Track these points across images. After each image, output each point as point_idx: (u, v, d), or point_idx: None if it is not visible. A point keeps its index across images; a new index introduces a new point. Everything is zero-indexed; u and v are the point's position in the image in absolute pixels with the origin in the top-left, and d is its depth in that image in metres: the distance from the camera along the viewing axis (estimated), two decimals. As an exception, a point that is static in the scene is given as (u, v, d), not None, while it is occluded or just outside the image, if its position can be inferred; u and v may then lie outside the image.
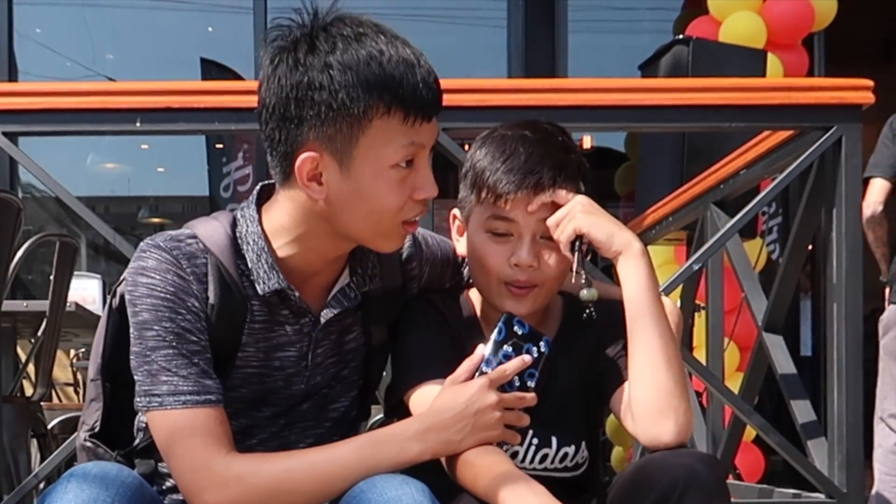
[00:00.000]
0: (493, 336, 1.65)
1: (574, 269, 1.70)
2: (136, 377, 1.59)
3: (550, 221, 1.70)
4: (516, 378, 1.65)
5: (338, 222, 1.60)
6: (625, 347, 1.72)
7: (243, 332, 1.64)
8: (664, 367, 1.64)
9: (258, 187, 1.69)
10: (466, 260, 1.82)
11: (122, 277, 1.69)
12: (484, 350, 1.65)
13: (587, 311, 1.73)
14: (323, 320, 1.68)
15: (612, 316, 1.76)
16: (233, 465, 1.54)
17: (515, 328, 1.66)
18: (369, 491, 1.49)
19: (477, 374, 1.63)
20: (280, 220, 1.64)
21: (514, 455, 1.76)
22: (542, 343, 1.67)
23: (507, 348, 1.65)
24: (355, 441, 1.58)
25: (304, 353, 1.70)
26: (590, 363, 1.80)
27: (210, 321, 1.60)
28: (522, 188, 1.69)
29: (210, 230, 1.63)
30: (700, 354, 3.88)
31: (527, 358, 1.65)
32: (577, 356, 1.81)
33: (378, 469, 1.55)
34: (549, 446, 1.78)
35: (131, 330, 1.61)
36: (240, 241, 1.64)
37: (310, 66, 1.52)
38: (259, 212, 1.66)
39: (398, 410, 1.75)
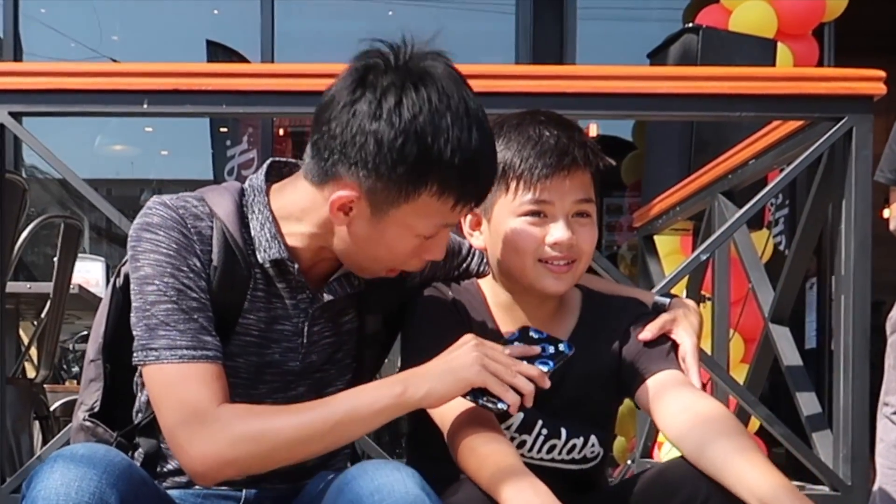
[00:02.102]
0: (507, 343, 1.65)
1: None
2: (134, 333, 1.59)
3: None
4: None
5: (340, 244, 1.63)
6: (647, 344, 1.76)
7: (246, 298, 1.65)
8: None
9: (269, 161, 1.71)
10: (487, 251, 1.82)
11: (126, 257, 1.69)
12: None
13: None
14: (324, 300, 1.69)
15: (629, 312, 1.80)
16: (222, 412, 1.53)
17: (532, 334, 1.66)
18: (360, 477, 1.49)
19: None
20: (291, 206, 1.65)
21: (521, 444, 1.77)
22: (561, 344, 1.67)
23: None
24: (342, 392, 1.58)
25: (300, 328, 1.70)
26: (606, 358, 1.80)
27: (212, 283, 1.61)
28: (559, 170, 1.72)
29: (218, 196, 1.66)
30: (705, 345, 3.87)
31: (536, 348, 1.64)
32: (593, 350, 1.80)
33: (359, 420, 1.53)
34: (558, 437, 1.78)
35: (132, 286, 1.61)
36: (245, 208, 1.66)
37: (389, 122, 1.52)
38: (268, 185, 1.67)
39: None
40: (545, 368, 1.61)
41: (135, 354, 1.59)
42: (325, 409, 1.53)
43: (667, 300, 1.87)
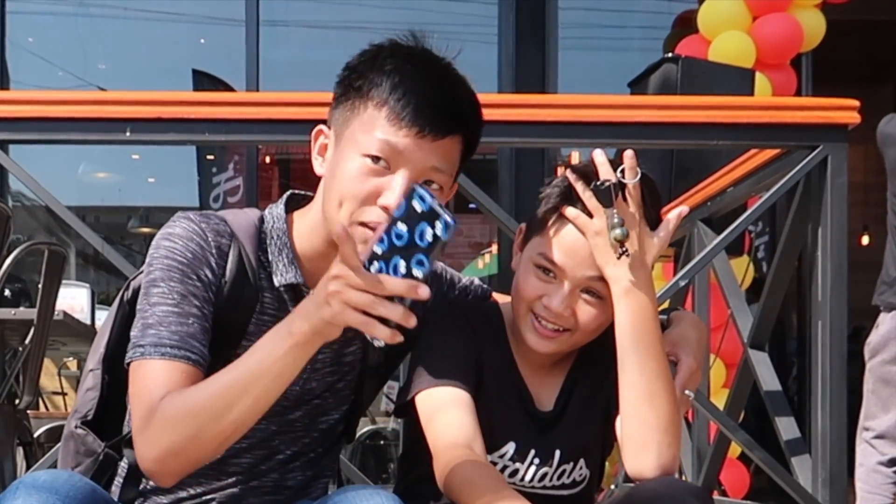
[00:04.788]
0: (394, 212, 1.41)
1: (604, 206, 1.63)
2: (132, 334, 1.59)
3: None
4: (402, 264, 1.38)
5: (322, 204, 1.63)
6: None
7: (251, 320, 1.66)
8: (647, 403, 1.63)
9: (288, 193, 1.73)
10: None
11: (140, 270, 1.70)
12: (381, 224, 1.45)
13: (621, 251, 1.63)
14: None
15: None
16: (159, 406, 1.50)
17: (415, 203, 1.39)
18: (341, 502, 1.49)
19: (369, 249, 1.40)
20: (309, 208, 1.69)
21: (514, 473, 1.77)
22: (438, 224, 1.38)
23: (401, 227, 1.39)
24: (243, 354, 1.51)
25: None
26: (602, 384, 1.80)
27: (220, 297, 1.62)
28: (577, 248, 1.68)
29: (239, 218, 1.68)
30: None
31: (416, 286, 1.37)
32: (591, 378, 1.81)
33: (266, 361, 1.46)
34: (550, 465, 1.78)
35: (141, 291, 1.62)
36: (264, 234, 1.68)
37: (357, 56, 1.60)
38: (288, 213, 1.70)
39: (407, 410, 1.74)
40: (418, 272, 1.39)
41: (126, 355, 1.59)
42: (234, 370, 1.49)
43: (664, 317, 1.84)
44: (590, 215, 1.66)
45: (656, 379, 1.64)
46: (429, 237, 1.38)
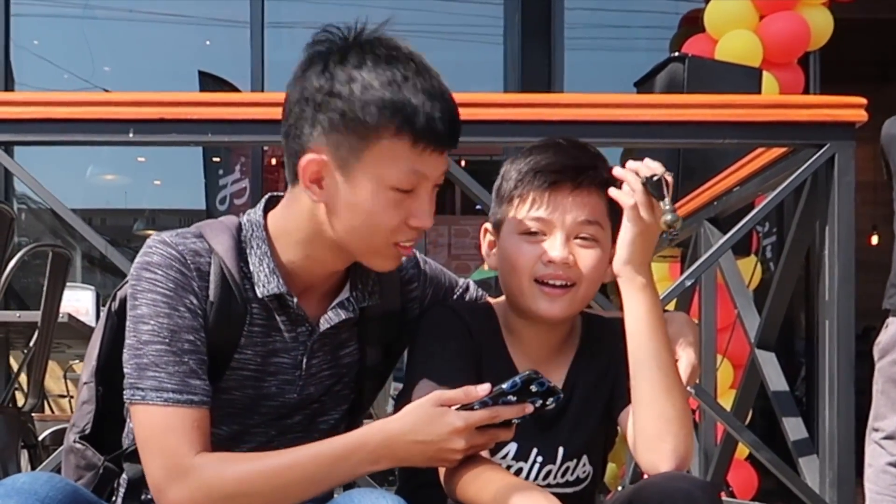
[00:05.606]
0: (504, 385, 1.52)
1: (656, 198, 1.65)
2: (125, 370, 1.60)
3: (619, 171, 1.68)
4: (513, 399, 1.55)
5: (334, 230, 1.61)
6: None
7: (242, 333, 1.65)
8: (665, 395, 1.63)
9: (266, 196, 1.72)
10: (498, 271, 1.81)
11: (124, 281, 1.70)
12: (484, 391, 1.55)
13: (673, 234, 1.68)
14: (321, 329, 1.69)
15: (620, 335, 1.77)
16: (197, 463, 1.55)
17: (533, 387, 1.54)
18: None
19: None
20: (284, 221, 1.67)
21: (518, 472, 1.76)
22: (550, 400, 1.57)
23: (511, 398, 1.54)
24: (318, 449, 1.57)
25: (299, 361, 1.70)
26: (603, 381, 1.80)
27: (208, 320, 1.62)
28: (560, 185, 1.71)
29: (216, 231, 1.66)
30: (693, 371, 3.88)
31: (528, 409, 1.56)
32: (592, 374, 1.81)
33: (336, 481, 1.57)
34: (554, 462, 1.78)
35: (127, 323, 1.62)
36: (244, 244, 1.66)
37: (336, 75, 1.56)
38: (265, 218, 1.68)
39: None
40: (530, 410, 1.57)
41: (124, 391, 1.60)
42: (299, 468, 1.55)
43: None
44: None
45: (671, 371, 1.65)
46: (538, 405, 1.55)
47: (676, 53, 4.49)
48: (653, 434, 1.63)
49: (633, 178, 1.65)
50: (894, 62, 7.94)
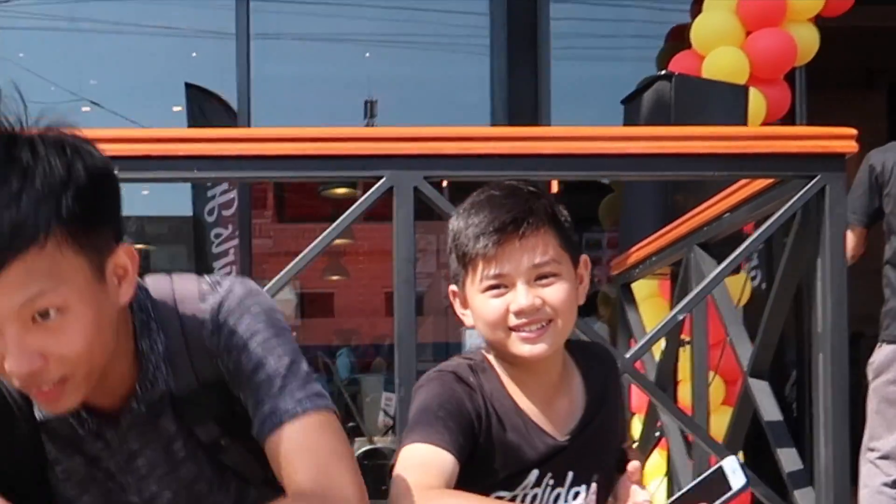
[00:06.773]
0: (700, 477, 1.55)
1: None
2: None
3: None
4: None
5: None
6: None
7: (44, 450, 1.52)
8: None
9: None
10: (476, 328, 1.81)
11: None
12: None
13: None
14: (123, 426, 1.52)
15: (603, 358, 1.88)
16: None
17: (731, 479, 1.51)
18: None
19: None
20: None
21: (532, 498, 1.76)
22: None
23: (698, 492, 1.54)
24: None
25: (122, 466, 1.55)
26: (611, 403, 1.85)
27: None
28: (505, 240, 1.71)
29: None
30: (685, 388, 3.87)
31: None
32: (601, 395, 1.84)
33: None
34: (563, 486, 1.78)
35: None
36: None
37: None
38: None
39: None
40: None
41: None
42: None
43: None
44: None
45: None
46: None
47: (663, 71, 4.48)
48: None
49: None
50: (879, 70, 7.94)
